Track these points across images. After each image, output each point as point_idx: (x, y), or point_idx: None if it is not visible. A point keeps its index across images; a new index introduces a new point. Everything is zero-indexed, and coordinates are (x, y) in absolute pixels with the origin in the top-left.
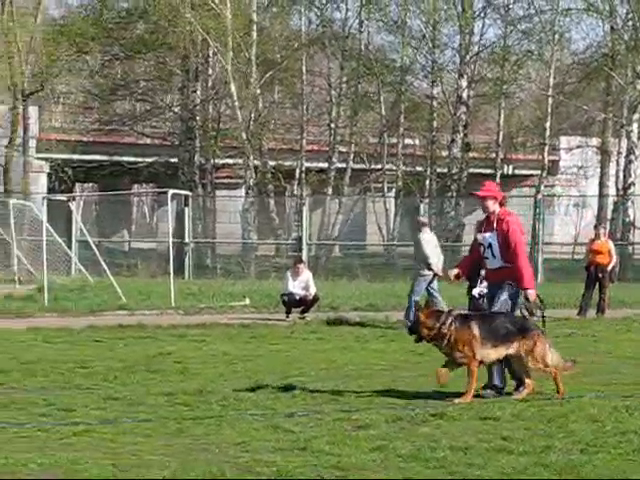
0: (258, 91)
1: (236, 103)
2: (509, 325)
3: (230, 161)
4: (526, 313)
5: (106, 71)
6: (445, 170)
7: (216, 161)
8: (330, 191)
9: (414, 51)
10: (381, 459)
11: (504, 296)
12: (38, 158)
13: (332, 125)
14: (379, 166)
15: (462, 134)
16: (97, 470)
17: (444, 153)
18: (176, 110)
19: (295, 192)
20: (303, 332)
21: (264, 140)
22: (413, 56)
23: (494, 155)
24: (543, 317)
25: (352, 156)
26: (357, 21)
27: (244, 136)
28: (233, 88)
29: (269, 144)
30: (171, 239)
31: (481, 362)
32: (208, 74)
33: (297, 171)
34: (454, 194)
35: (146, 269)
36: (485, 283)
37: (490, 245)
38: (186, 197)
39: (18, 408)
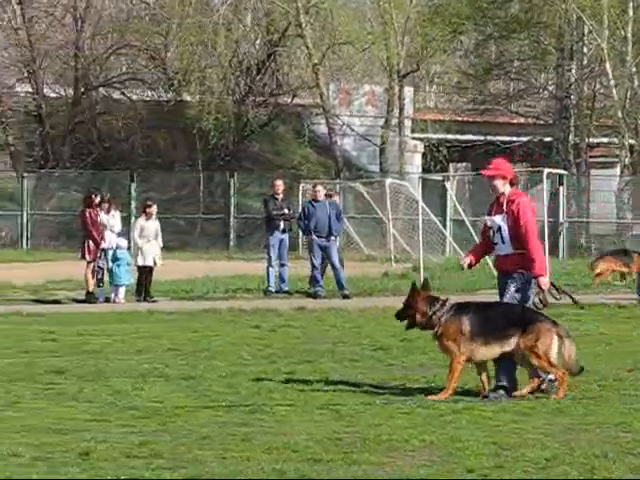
0: (634, 69)
1: (611, 82)
2: (509, 319)
3: (605, 140)
4: (539, 304)
5: (480, 51)
6: None
7: (591, 140)
8: None
9: None
10: None
11: (513, 288)
12: (413, 138)
13: None
14: None
15: None
16: (478, 447)
17: None
18: (551, 89)
19: None
20: None
21: None
22: None
23: None
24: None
25: None
26: None
27: (619, 115)
28: (608, 66)
29: None
30: (546, 218)
31: (469, 360)
32: (583, 52)
33: None
34: None
35: None
36: None
37: (500, 229)
38: (560, 176)
39: (398, 384)
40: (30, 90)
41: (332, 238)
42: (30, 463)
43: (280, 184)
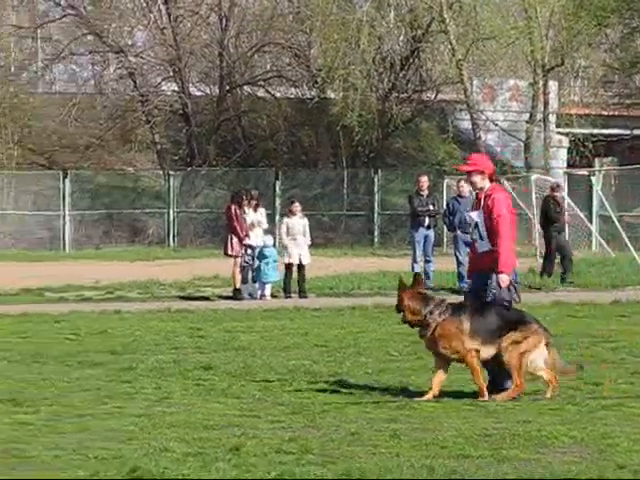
0: None
1: None
2: (503, 320)
3: None
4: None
5: (626, 44)
6: None
7: None
8: None
9: None
10: None
11: (491, 288)
12: (558, 132)
13: None
14: None
15: None
16: (628, 444)
17: None
18: None
19: None
20: None
21: None
22: None
23: None
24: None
25: None
26: None
27: None
28: None
29: None
30: None
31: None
32: None
33: None
34: None
35: None
36: None
37: (477, 225)
38: None
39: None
40: (176, 89)
41: None
42: (182, 458)
43: (425, 180)
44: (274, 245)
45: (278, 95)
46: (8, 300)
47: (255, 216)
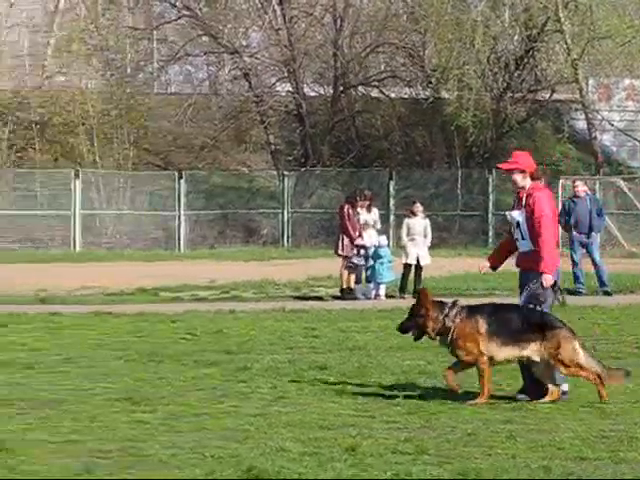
0: None
1: None
2: (526, 321)
3: None
4: (557, 303)
5: None
6: None
7: None
8: None
9: None
10: None
11: (533, 287)
12: None
13: None
14: None
15: None
16: None
17: None
18: None
19: None
20: None
21: None
22: None
23: None
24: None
25: None
26: None
27: None
28: None
29: None
30: None
31: (491, 359)
32: None
33: None
34: None
35: None
36: None
37: (518, 224)
38: None
39: None
40: (290, 89)
41: (593, 235)
42: (298, 458)
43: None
44: (388, 245)
45: (392, 95)
46: (124, 299)
47: (369, 216)
